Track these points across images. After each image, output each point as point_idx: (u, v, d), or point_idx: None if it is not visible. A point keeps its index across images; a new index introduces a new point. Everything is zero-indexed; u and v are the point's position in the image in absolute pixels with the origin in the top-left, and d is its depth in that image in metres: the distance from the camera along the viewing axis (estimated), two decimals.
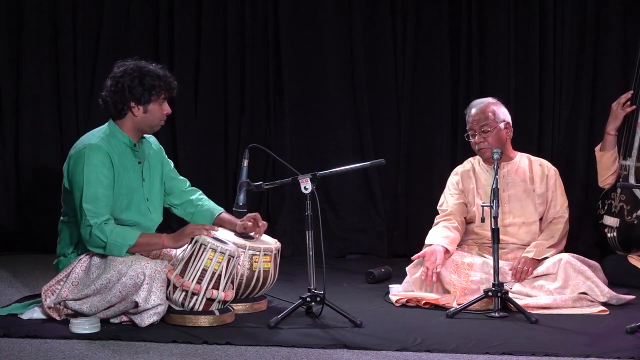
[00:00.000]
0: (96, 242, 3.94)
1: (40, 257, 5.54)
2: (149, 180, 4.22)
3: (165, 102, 4.15)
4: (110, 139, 4.10)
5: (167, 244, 4.05)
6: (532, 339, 3.77)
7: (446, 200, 4.81)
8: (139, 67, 4.10)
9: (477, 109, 4.70)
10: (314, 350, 3.61)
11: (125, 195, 4.08)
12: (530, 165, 4.78)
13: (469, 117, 4.71)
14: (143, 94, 4.07)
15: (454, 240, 4.63)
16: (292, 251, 5.91)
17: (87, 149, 4.02)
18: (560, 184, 4.77)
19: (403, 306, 4.42)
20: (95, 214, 3.95)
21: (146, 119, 4.12)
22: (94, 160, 4.00)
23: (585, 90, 5.92)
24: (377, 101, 6.19)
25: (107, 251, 3.94)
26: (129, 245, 3.94)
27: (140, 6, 6.20)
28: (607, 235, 5.18)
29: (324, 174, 4.22)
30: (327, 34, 6.18)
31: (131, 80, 4.06)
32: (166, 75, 4.14)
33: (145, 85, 4.07)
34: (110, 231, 3.94)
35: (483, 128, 4.65)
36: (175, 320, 3.94)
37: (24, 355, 3.48)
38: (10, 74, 6.13)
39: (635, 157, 5.12)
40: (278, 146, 6.10)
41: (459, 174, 4.84)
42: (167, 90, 4.13)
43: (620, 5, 5.85)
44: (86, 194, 3.96)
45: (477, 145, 4.67)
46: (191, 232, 4.01)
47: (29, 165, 6.10)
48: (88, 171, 3.98)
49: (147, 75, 4.08)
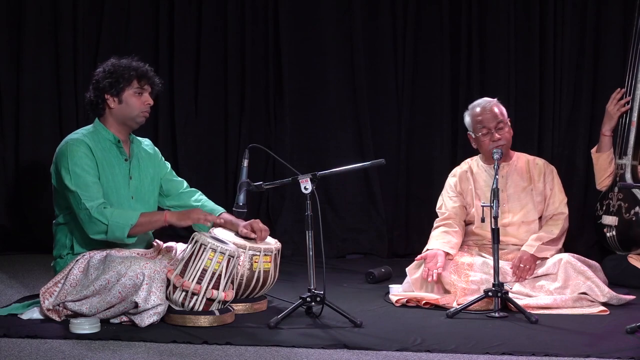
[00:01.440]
0: (97, 226, 3.96)
1: (40, 257, 5.54)
2: (137, 179, 4.22)
3: (145, 93, 4.17)
4: (94, 136, 4.15)
5: (169, 219, 4.07)
6: (532, 339, 3.77)
7: (445, 203, 4.81)
8: (112, 62, 4.19)
9: (488, 108, 4.69)
10: (314, 350, 3.61)
11: (110, 191, 4.10)
12: (528, 164, 4.78)
13: (481, 116, 4.67)
14: (114, 84, 4.12)
15: (455, 245, 4.63)
16: (292, 251, 5.91)
17: (68, 144, 4.08)
18: (558, 181, 4.77)
19: (403, 306, 4.42)
20: (89, 197, 3.98)
21: (123, 110, 4.15)
22: (77, 152, 4.05)
23: (585, 90, 5.92)
24: (377, 101, 6.19)
25: (109, 234, 3.96)
26: (131, 225, 3.96)
27: (140, 6, 6.21)
28: (607, 234, 5.18)
29: (324, 174, 4.21)
30: (327, 34, 6.18)
31: (103, 74, 4.15)
32: (138, 64, 4.17)
33: (114, 75, 4.13)
34: (111, 213, 3.96)
35: (499, 125, 4.65)
36: (175, 320, 3.94)
37: (24, 355, 3.48)
38: (11, 74, 6.14)
39: (631, 156, 5.15)
40: (278, 146, 6.10)
41: (456, 176, 4.84)
42: (140, 77, 4.15)
43: (620, 5, 5.85)
44: (76, 183, 4.00)
45: (496, 142, 4.64)
46: (197, 218, 4.05)
47: (29, 164, 6.11)
48: (73, 164, 4.02)
49: (117, 66, 4.15)
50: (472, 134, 4.74)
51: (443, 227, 4.70)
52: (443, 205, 4.81)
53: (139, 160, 4.26)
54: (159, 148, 4.48)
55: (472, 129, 4.72)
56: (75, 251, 4.09)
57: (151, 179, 4.30)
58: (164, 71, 6.14)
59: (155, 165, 4.34)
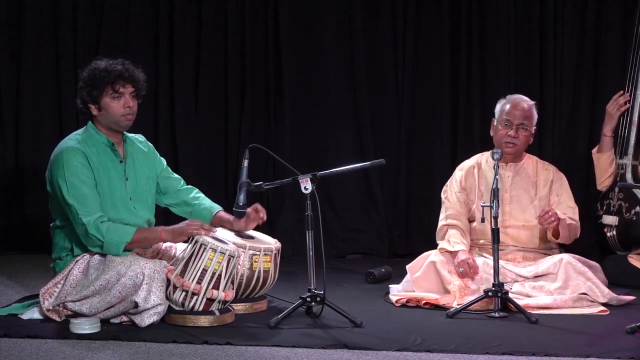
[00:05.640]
0: (93, 241, 3.95)
1: (39, 258, 5.53)
2: (134, 179, 4.21)
3: (124, 95, 4.10)
4: (88, 140, 4.12)
5: (165, 237, 4.07)
6: (532, 339, 3.77)
7: (449, 195, 4.76)
8: (89, 67, 4.13)
9: (523, 105, 4.68)
10: (314, 350, 3.61)
11: (108, 194, 4.08)
12: (537, 169, 4.76)
13: (511, 108, 4.66)
14: (90, 92, 4.09)
15: (467, 247, 4.63)
16: (292, 251, 5.91)
17: (64, 152, 4.04)
18: (568, 189, 4.73)
19: (403, 306, 4.42)
20: (86, 212, 3.96)
21: (105, 116, 4.11)
22: (72, 162, 4.01)
23: (585, 90, 5.92)
24: (377, 101, 6.19)
25: (105, 250, 3.95)
26: (126, 242, 3.95)
27: (140, 6, 6.20)
28: (607, 234, 5.18)
29: (324, 174, 4.21)
30: (327, 34, 6.18)
31: (83, 83, 4.12)
32: (113, 67, 4.08)
33: (90, 83, 4.09)
34: (107, 229, 3.94)
35: (523, 125, 4.65)
36: (175, 320, 3.94)
37: (24, 355, 3.48)
38: (11, 74, 6.13)
39: (632, 155, 5.15)
40: (278, 146, 6.10)
41: (463, 170, 4.81)
42: (113, 81, 4.06)
43: (620, 5, 5.85)
44: (73, 195, 3.97)
45: (509, 138, 4.63)
46: (190, 232, 4.01)
47: (29, 164, 6.10)
48: (70, 173, 3.99)
49: (92, 72, 4.10)
50: (495, 121, 4.73)
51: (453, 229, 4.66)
52: (448, 196, 4.77)
53: (134, 160, 4.24)
54: (159, 148, 4.47)
55: (498, 116, 4.71)
56: (75, 253, 4.09)
57: (147, 177, 4.28)
58: (164, 71, 6.14)
59: (150, 163, 4.32)
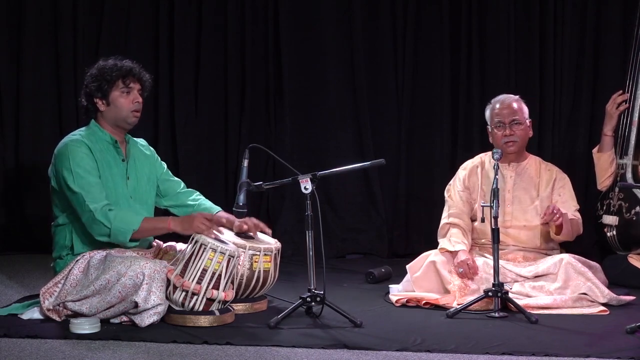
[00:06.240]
0: (100, 228, 3.97)
1: (39, 258, 5.53)
2: (134, 179, 4.22)
3: (133, 91, 4.17)
4: (91, 137, 4.15)
5: (173, 227, 4.07)
6: (532, 339, 3.77)
7: (452, 194, 4.76)
8: (98, 65, 4.19)
9: (507, 102, 4.69)
10: (314, 350, 3.61)
11: (110, 190, 4.10)
12: (540, 169, 4.76)
13: (497, 110, 4.68)
14: (100, 86, 4.13)
15: (468, 247, 4.62)
16: (292, 251, 5.91)
17: (68, 144, 4.08)
18: (570, 190, 4.73)
19: (403, 306, 4.42)
20: (93, 199, 3.98)
21: (113, 111, 4.15)
22: (78, 153, 4.05)
23: (585, 90, 5.92)
24: (377, 101, 6.19)
25: (112, 237, 3.97)
26: (133, 230, 3.97)
27: (140, 6, 6.21)
28: (607, 234, 5.18)
29: (324, 174, 4.21)
30: (328, 34, 6.18)
31: (90, 78, 4.17)
32: (123, 64, 4.16)
33: (99, 77, 4.13)
34: (114, 216, 3.96)
35: (515, 120, 4.65)
36: (175, 320, 3.94)
37: (24, 355, 3.48)
38: (11, 74, 6.14)
39: (632, 155, 5.16)
40: (278, 146, 6.10)
41: (467, 169, 4.82)
42: (124, 76, 4.14)
43: (620, 5, 5.85)
44: (79, 184, 4.00)
45: (506, 137, 4.64)
46: (197, 226, 3.99)
47: (29, 164, 6.11)
48: (75, 164, 4.02)
49: (102, 68, 4.16)
50: (489, 127, 4.74)
51: (455, 228, 4.66)
52: (451, 195, 4.77)
53: (136, 161, 4.26)
54: (159, 148, 4.48)
55: (490, 121, 4.72)
56: (75, 252, 4.09)
57: (147, 179, 4.30)
58: (164, 71, 6.15)
59: (151, 166, 4.34)
